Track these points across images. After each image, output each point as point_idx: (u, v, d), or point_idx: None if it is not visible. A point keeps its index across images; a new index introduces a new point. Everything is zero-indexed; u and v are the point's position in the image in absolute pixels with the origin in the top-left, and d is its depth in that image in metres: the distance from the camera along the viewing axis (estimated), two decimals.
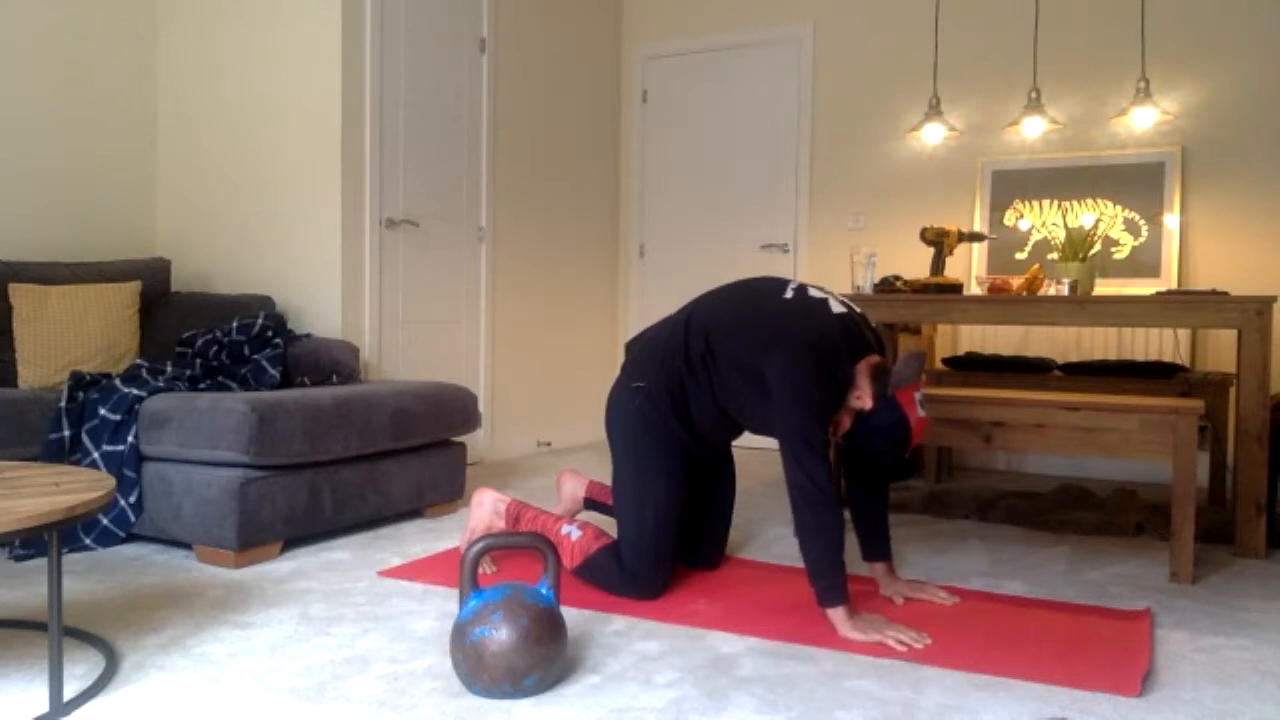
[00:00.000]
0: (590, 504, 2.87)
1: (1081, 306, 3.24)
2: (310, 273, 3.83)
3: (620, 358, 5.67)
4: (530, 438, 4.94)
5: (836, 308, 2.33)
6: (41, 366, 3.24)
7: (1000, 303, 3.36)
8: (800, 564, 2.76)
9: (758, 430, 2.39)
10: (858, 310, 2.40)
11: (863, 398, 2.25)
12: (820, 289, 2.42)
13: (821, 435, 2.18)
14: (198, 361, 3.25)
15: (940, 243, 3.74)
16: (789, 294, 2.38)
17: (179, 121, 4.08)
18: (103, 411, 2.82)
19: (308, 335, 3.52)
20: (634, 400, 2.44)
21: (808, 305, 2.33)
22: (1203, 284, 4.36)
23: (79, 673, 1.88)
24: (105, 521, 2.79)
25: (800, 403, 2.18)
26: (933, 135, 4.43)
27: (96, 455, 2.79)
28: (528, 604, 1.81)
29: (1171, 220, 4.36)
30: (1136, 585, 2.64)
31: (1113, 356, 4.43)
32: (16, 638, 2.07)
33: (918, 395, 2.26)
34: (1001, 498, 3.69)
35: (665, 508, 2.40)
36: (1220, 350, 4.33)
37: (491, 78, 4.53)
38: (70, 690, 1.79)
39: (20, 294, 3.29)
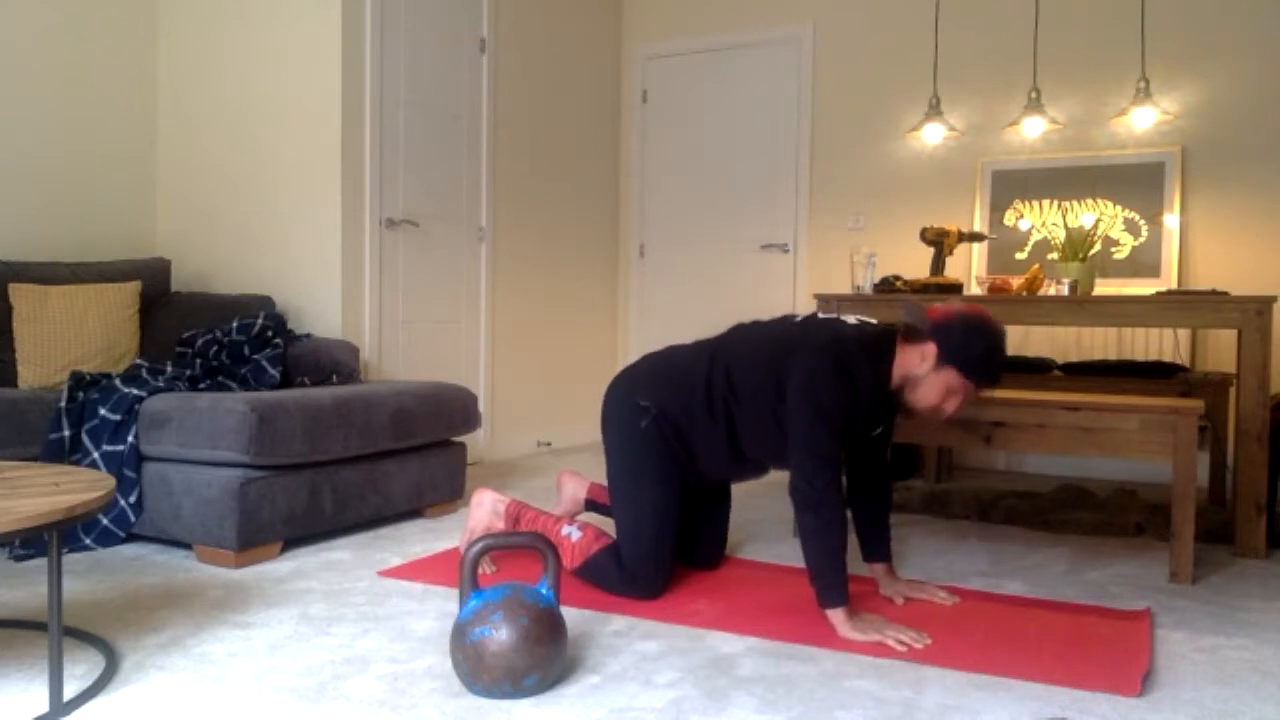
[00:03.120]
0: (591, 505, 2.87)
1: (1081, 306, 3.24)
2: (310, 273, 3.83)
3: (620, 359, 5.67)
4: (530, 438, 4.94)
5: (850, 320, 2.37)
6: (41, 366, 3.24)
7: (1000, 303, 3.36)
8: (800, 564, 2.76)
9: (782, 467, 2.40)
10: (872, 322, 2.42)
11: (927, 359, 2.21)
12: (828, 315, 2.44)
13: (829, 442, 2.19)
14: (198, 361, 3.25)
15: (940, 243, 3.74)
16: (797, 319, 2.43)
17: (179, 121, 4.08)
18: (103, 411, 2.82)
19: (308, 335, 3.52)
20: (640, 420, 2.44)
21: (821, 321, 2.37)
22: (1203, 284, 4.35)
23: (79, 673, 1.88)
24: (105, 521, 2.79)
25: (812, 409, 2.19)
26: (933, 135, 4.43)
27: (96, 455, 2.79)
28: (528, 604, 1.81)
29: (1171, 220, 4.36)
30: (1136, 585, 2.64)
31: (1113, 356, 4.42)
32: (16, 638, 2.07)
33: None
34: (1001, 498, 3.69)
35: (663, 508, 2.41)
36: (1220, 350, 4.33)
37: (491, 78, 4.53)
38: (70, 690, 1.79)
39: (20, 294, 3.29)
